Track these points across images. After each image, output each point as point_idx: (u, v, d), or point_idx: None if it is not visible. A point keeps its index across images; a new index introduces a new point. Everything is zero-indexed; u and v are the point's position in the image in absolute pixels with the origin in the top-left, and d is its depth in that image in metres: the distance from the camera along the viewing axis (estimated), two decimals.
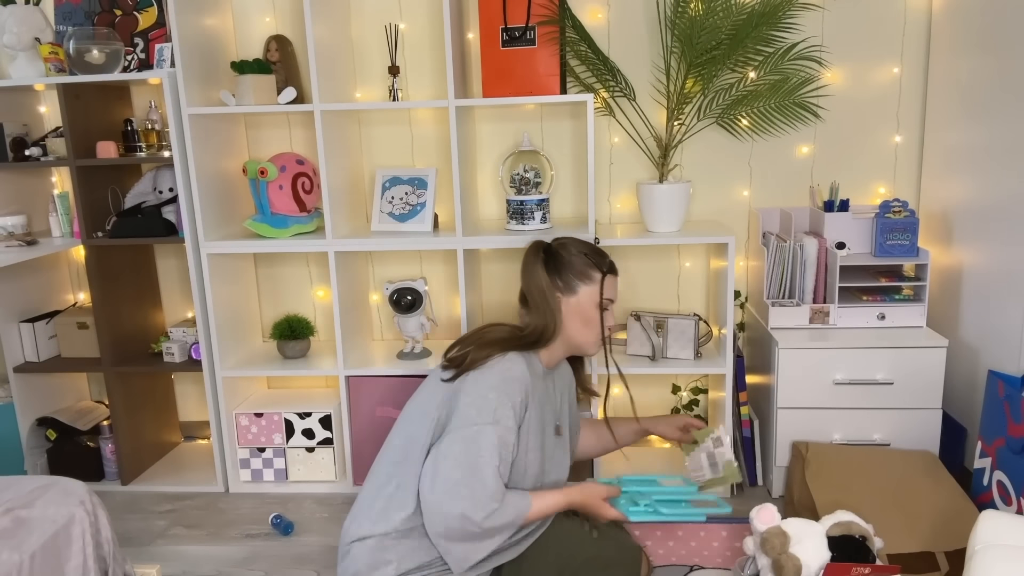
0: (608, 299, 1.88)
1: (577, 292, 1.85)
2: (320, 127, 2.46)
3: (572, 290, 1.86)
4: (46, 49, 2.53)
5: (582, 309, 1.86)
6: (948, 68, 2.46)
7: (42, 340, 2.79)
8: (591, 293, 1.85)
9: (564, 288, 1.86)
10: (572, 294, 1.86)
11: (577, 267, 1.86)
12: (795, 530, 1.75)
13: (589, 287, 1.86)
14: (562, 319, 1.86)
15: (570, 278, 1.86)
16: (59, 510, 1.71)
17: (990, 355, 2.24)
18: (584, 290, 1.85)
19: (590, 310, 1.86)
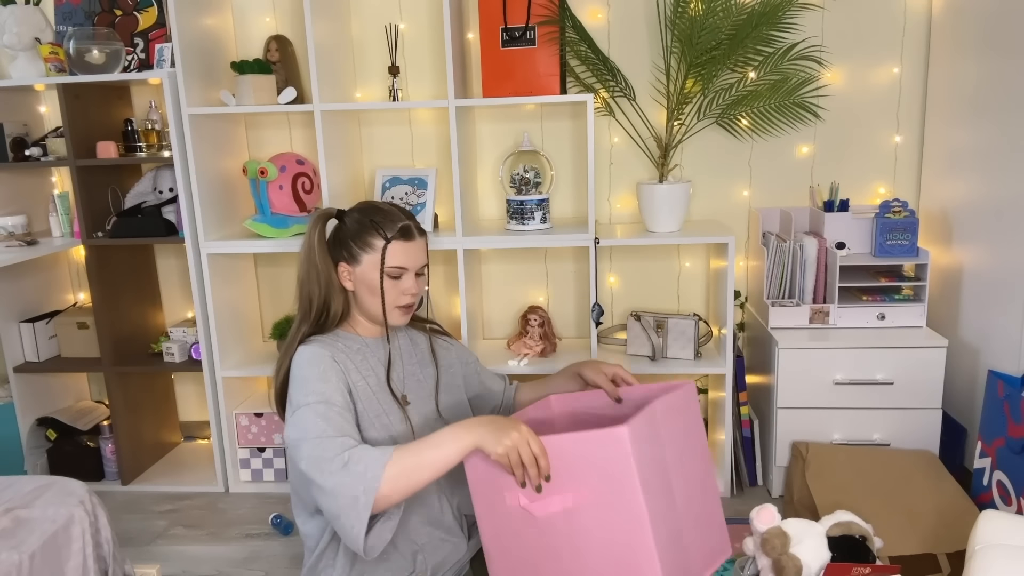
0: (397, 267, 1.72)
1: (361, 261, 1.72)
2: (320, 127, 2.46)
3: (356, 259, 1.73)
4: (46, 49, 2.53)
5: (366, 278, 1.73)
6: (948, 68, 2.46)
7: (42, 340, 2.79)
8: (374, 261, 1.72)
9: (348, 258, 1.73)
10: (357, 263, 1.73)
11: (360, 236, 1.73)
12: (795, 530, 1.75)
13: (371, 256, 1.72)
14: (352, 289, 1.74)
15: (351, 246, 1.73)
16: (59, 510, 1.70)
17: (990, 355, 2.24)
18: (366, 259, 1.72)
19: (373, 279, 1.72)
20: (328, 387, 1.59)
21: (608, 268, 2.85)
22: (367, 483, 1.42)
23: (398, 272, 1.73)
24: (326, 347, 1.66)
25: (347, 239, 1.74)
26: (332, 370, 1.62)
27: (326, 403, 1.55)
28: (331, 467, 1.45)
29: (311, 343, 1.67)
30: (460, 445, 1.44)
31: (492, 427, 1.44)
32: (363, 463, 1.43)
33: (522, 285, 2.89)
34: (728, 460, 2.51)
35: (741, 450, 2.54)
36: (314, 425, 1.52)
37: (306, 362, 1.62)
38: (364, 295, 1.74)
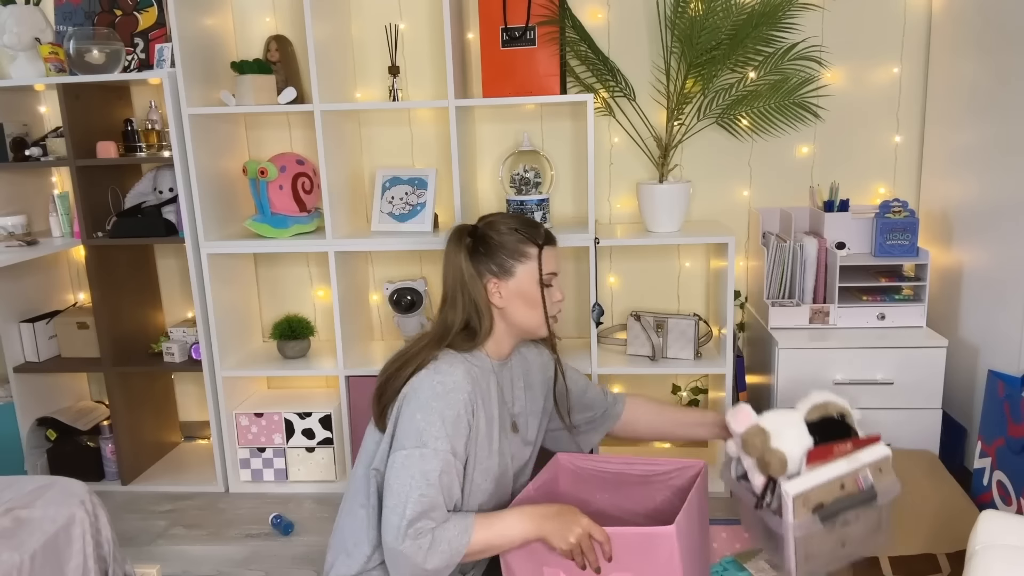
0: (550, 273, 1.70)
1: (515, 274, 1.66)
2: (320, 127, 2.46)
3: (509, 273, 1.66)
4: (46, 49, 2.53)
5: (523, 291, 1.67)
6: (948, 68, 2.45)
7: (42, 340, 2.78)
8: (530, 271, 1.67)
9: (500, 272, 1.66)
10: (510, 277, 1.66)
11: (509, 246, 1.67)
12: (773, 424, 1.67)
13: (527, 265, 1.67)
14: (504, 306, 1.68)
15: (503, 259, 1.66)
16: (59, 510, 1.70)
17: (990, 355, 2.24)
18: (522, 270, 1.66)
19: (532, 290, 1.67)
20: (458, 437, 1.55)
21: (608, 268, 2.85)
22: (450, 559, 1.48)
23: (550, 279, 1.70)
24: (466, 379, 1.58)
25: (494, 252, 1.67)
26: (464, 415, 1.57)
27: (453, 454, 1.54)
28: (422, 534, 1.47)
29: (453, 364, 1.60)
30: (526, 536, 1.53)
31: (558, 523, 1.51)
32: (446, 541, 1.48)
33: None
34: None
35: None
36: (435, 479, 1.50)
37: (444, 395, 1.55)
38: (518, 309, 1.68)
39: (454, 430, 1.55)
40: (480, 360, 1.68)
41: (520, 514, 1.54)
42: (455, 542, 1.48)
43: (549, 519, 1.53)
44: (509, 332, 1.72)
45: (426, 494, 1.49)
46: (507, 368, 1.76)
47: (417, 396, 1.56)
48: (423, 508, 1.48)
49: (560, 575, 1.57)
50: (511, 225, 1.69)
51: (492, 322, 1.69)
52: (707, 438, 1.98)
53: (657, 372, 2.52)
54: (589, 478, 1.90)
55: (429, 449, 1.52)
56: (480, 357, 1.69)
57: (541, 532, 1.52)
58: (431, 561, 1.47)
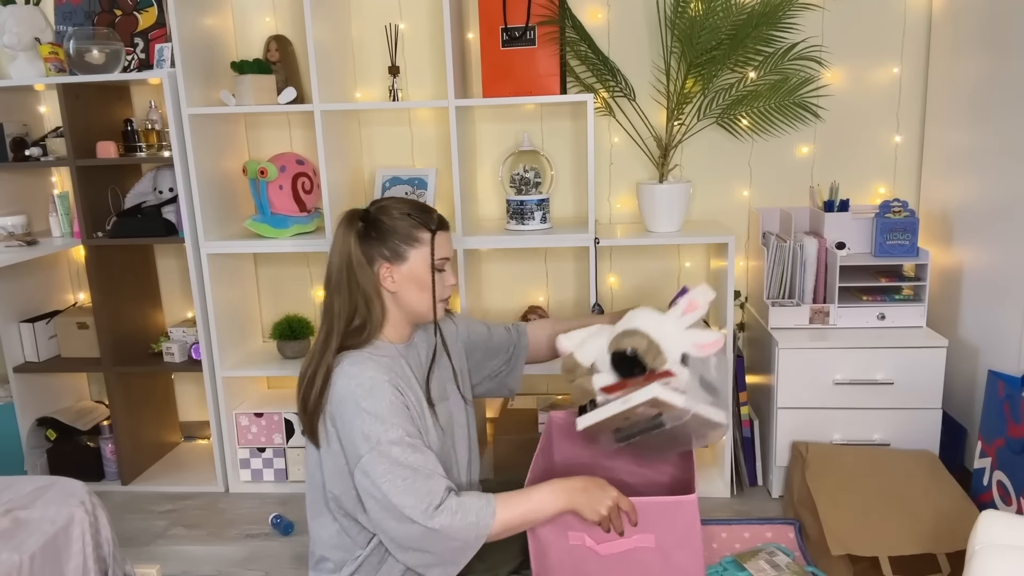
0: (442, 258, 1.69)
1: (407, 259, 1.65)
2: (320, 127, 2.45)
3: (402, 257, 1.65)
4: (46, 49, 2.53)
5: (415, 276, 1.66)
6: (948, 68, 2.45)
7: (42, 340, 2.78)
8: (423, 256, 1.66)
9: (392, 257, 1.65)
10: (402, 262, 1.65)
11: (402, 231, 1.65)
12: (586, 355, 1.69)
13: (419, 250, 1.66)
14: (396, 290, 1.67)
15: (396, 244, 1.65)
16: (59, 510, 1.70)
17: (990, 355, 2.24)
18: (414, 255, 1.65)
19: (424, 275, 1.66)
20: (401, 420, 1.55)
21: (608, 268, 2.85)
22: (479, 531, 1.51)
23: (443, 264, 1.70)
24: (379, 370, 1.58)
25: (386, 237, 1.66)
26: (396, 401, 1.57)
27: (410, 436, 1.54)
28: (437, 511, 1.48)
29: (359, 363, 1.59)
30: (557, 507, 1.57)
31: (588, 496, 1.57)
32: (473, 513, 1.50)
33: (522, 285, 2.89)
34: (728, 460, 2.50)
35: (741, 450, 2.54)
36: (406, 462, 1.51)
37: (368, 393, 1.55)
38: (410, 293, 1.67)
39: (394, 416, 1.55)
40: (383, 349, 1.67)
41: (552, 488, 1.58)
42: (482, 512, 1.50)
43: (579, 492, 1.57)
44: (403, 316, 1.71)
45: (407, 476, 1.50)
46: (413, 348, 1.76)
47: (346, 408, 1.56)
48: (412, 488, 1.49)
49: (585, 538, 1.63)
50: (404, 210, 1.68)
51: (384, 308, 1.68)
52: None
53: None
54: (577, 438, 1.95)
55: (383, 443, 1.52)
56: (381, 346, 1.67)
57: (573, 505, 1.57)
58: (460, 527, 1.49)
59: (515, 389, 2.03)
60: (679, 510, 1.60)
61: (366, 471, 1.52)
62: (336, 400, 1.58)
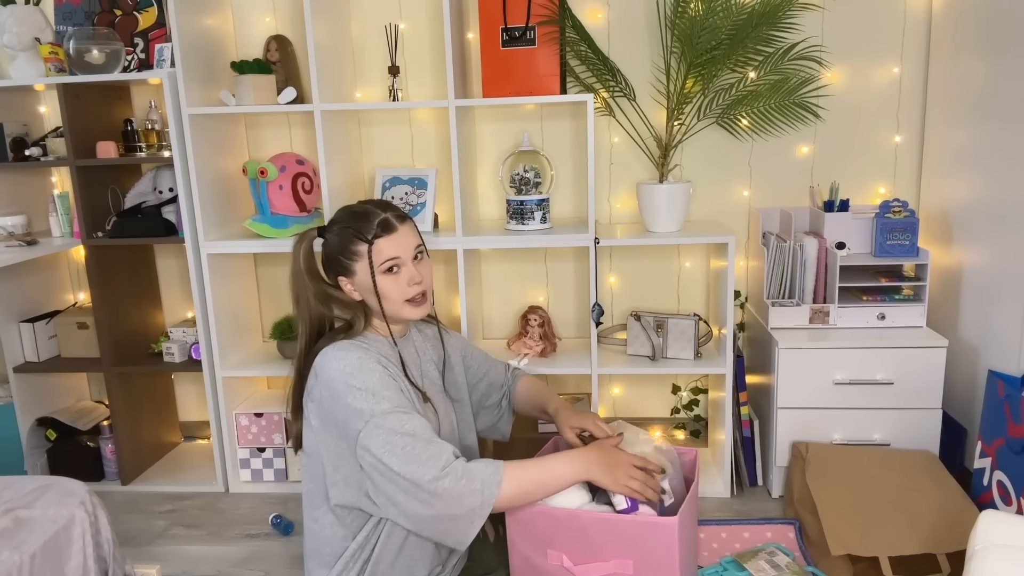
0: (389, 260, 1.67)
1: (356, 271, 1.68)
2: (320, 127, 2.45)
3: (351, 271, 1.69)
4: (46, 49, 2.52)
5: (367, 285, 1.68)
6: (948, 68, 2.45)
7: (42, 340, 2.78)
8: (364, 267, 1.67)
9: (344, 271, 1.70)
10: (353, 274, 1.69)
11: (344, 247, 1.69)
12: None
13: (360, 262, 1.68)
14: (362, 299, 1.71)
15: (341, 261, 1.69)
16: (59, 510, 1.70)
17: (990, 355, 2.24)
18: (360, 266, 1.68)
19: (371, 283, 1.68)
20: (392, 392, 1.56)
21: (608, 268, 2.85)
22: (484, 498, 1.49)
23: (391, 264, 1.68)
24: (366, 351, 1.61)
25: (335, 255, 1.71)
26: (384, 376, 1.58)
27: (402, 407, 1.55)
28: (442, 474, 1.47)
29: (344, 348, 1.61)
30: (574, 474, 1.57)
31: (604, 466, 1.58)
32: (479, 479, 1.49)
33: (522, 285, 2.89)
34: (728, 460, 2.50)
35: (741, 450, 2.54)
36: (403, 430, 1.51)
37: (356, 371, 1.57)
38: (372, 300, 1.70)
39: (385, 390, 1.56)
40: (372, 340, 1.71)
41: (568, 456, 1.59)
42: (488, 481, 1.49)
43: (596, 463, 1.58)
44: (381, 317, 1.74)
45: (407, 444, 1.50)
46: (409, 342, 1.80)
47: (334, 388, 1.57)
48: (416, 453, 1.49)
49: (564, 559, 1.62)
50: (346, 223, 1.71)
51: (365, 314, 1.73)
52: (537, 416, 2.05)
53: (657, 372, 2.52)
54: None
55: (377, 415, 1.53)
56: (371, 337, 1.71)
57: (590, 474, 1.58)
58: (467, 494, 1.47)
59: (507, 435, 2.06)
60: (658, 532, 1.58)
61: (365, 446, 1.53)
62: (325, 383, 1.59)
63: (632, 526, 1.59)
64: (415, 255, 1.72)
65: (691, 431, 2.93)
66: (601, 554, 1.60)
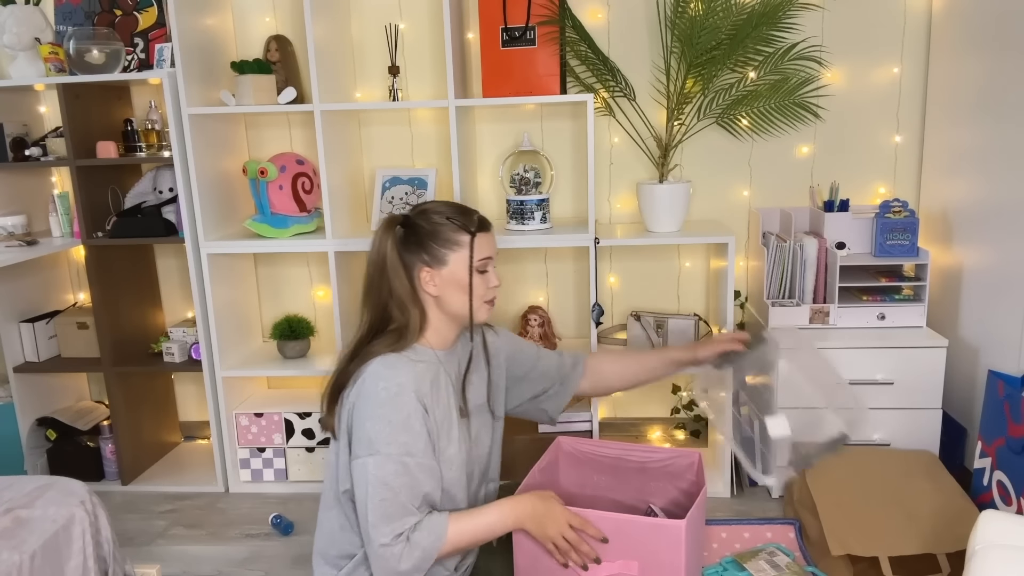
0: (484, 259, 1.67)
1: (447, 262, 1.64)
2: (320, 127, 2.45)
3: (442, 261, 1.64)
4: (46, 49, 2.52)
5: (456, 278, 1.64)
6: (948, 68, 2.45)
7: (42, 340, 2.78)
8: (463, 259, 1.65)
9: (432, 261, 1.64)
10: (443, 265, 1.64)
11: (442, 235, 1.64)
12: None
13: (459, 253, 1.64)
14: (438, 294, 1.66)
15: (435, 248, 1.64)
16: (59, 510, 1.70)
17: (990, 355, 2.24)
18: (454, 258, 1.64)
19: (464, 277, 1.65)
20: (411, 437, 1.56)
21: (608, 268, 2.84)
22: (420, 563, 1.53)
23: (485, 265, 1.68)
24: (410, 377, 1.58)
25: (426, 241, 1.65)
26: (415, 414, 1.57)
27: (408, 455, 1.55)
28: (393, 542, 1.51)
29: (392, 367, 1.59)
30: (506, 527, 1.61)
31: (536, 519, 1.60)
32: (420, 548, 1.52)
33: (522, 285, 2.89)
34: (728, 460, 2.50)
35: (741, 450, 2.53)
36: (391, 483, 1.53)
37: (390, 400, 1.55)
38: (452, 296, 1.66)
39: (405, 432, 1.55)
40: (423, 354, 1.66)
41: (500, 510, 1.61)
42: (429, 548, 1.53)
43: (528, 514, 1.60)
44: (446, 320, 1.70)
45: (385, 497, 1.52)
46: (454, 355, 1.75)
47: (365, 404, 1.57)
48: (385, 511, 1.51)
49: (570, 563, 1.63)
50: (443, 213, 1.68)
51: (423, 313, 1.67)
52: (675, 372, 2.03)
53: None
54: (588, 461, 1.97)
55: (381, 455, 1.53)
56: (422, 351, 1.67)
57: (521, 525, 1.61)
58: (404, 564, 1.51)
59: (554, 417, 1.99)
60: (665, 534, 1.57)
61: (358, 472, 1.56)
62: (361, 392, 1.58)
63: (638, 527, 1.59)
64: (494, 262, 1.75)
65: (691, 431, 2.92)
66: (607, 554, 1.60)
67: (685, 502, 1.91)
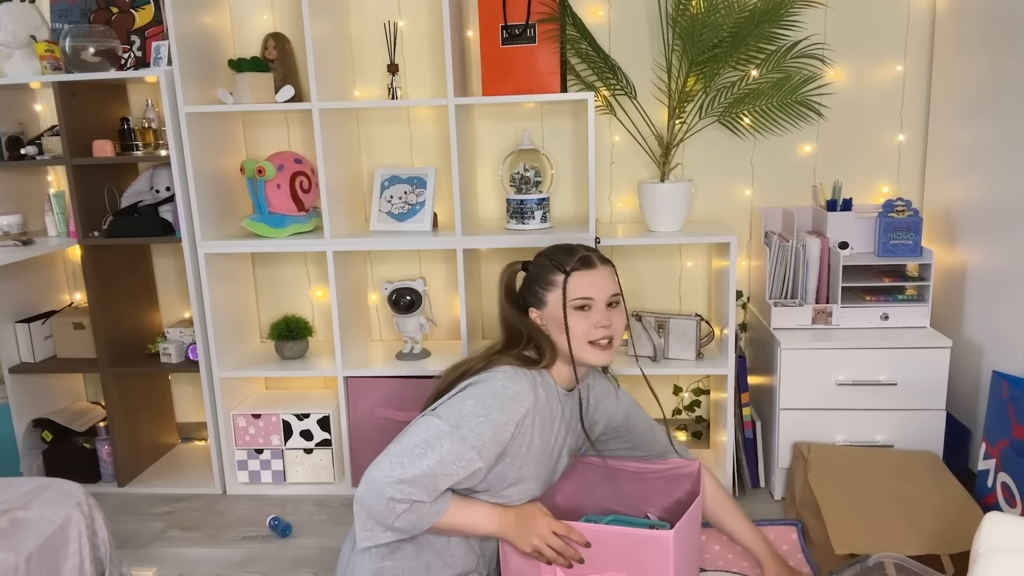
0: (582, 298, 1.72)
1: (547, 302, 1.75)
2: (318, 126, 2.44)
3: (542, 301, 1.76)
4: (42, 47, 2.51)
5: (554, 317, 1.74)
6: (952, 66, 2.44)
7: (38, 340, 2.77)
8: (556, 298, 1.73)
9: (536, 302, 1.78)
10: (544, 306, 1.76)
11: (541, 276, 1.76)
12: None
13: (554, 292, 1.74)
14: (548, 333, 1.76)
15: (536, 290, 1.77)
16: (55, 512, 1.70)
17: (994, 355, 2.23)
18: (550, 297, 1.74)
19: (560, 316, 1.73)
20: (493, 440, 1.60)
21: None
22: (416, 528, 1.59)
23: (583, 303, 1.72)
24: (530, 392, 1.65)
25: (532, 284, 1.77)
26: (511, 426, 1.61)
27: (478, 453, 1.58)
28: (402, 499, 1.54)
29: (518, 376, 1.66)
30: (490, 531, 1.66)
31: (519, 528, 1.64)
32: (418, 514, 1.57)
33: None
34: (730, 462, 2.49)
35: (743, 452, 2.52)
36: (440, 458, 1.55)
37: (504, 399, 1.61)
38: (556, 335, 1.75)
39: (493, 434, 1.60)
40: (548, 383, 1.74)
41: (491, 513, 1.66)
42: (425, 516, 1.58)
43: (511, 524, 1.65)
44: (563, 359, 1.77)
45: (429, 470, 1.55)
46: (573, 398, 1.82)
47: (479, 386, 1.63)
48: (417, 476, 1.54)
49: (557, 571, 1.64)
50: (548, 254, 1.78)
51: (553, 345, 1.76)
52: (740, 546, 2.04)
53: (659, 373, 2.51)
54: (586, 471, 1.97)
55: (459, 434, 1.57)
56: (548, 381, 1.75)
57: (503, 534, 1.66)
58: (398, 522, 1.56)
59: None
60: (653, 546, 1.57)
61: (428, 426, 1.59)
62: (480, 380, 1.65)
63: (626, 538, 1.59)
64: (610, 302, 1.76)
65: (693, 432, 2.91)
66: (595, 567, 1.60)
67: (683, 511, 1.89)
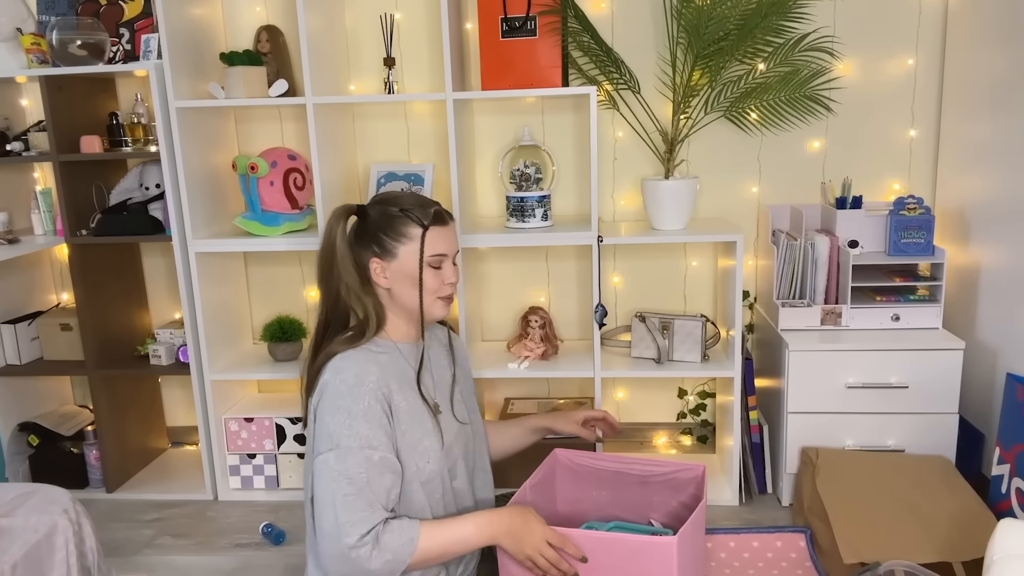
0: (439, 255, 1.67)
1: (397, 255, 1.65)
2: (313, 121, 2.42)
3: (392, 253, 1.65)
4: (28, 40, 2.50)
5: (406, 272, 1.65)
6: (965, 60, 2.42)
7: (24, 342, 2.75)
8: (413, 252, 1.65)
9: (382, 252, 1.66)
10: (393, 258, 1.65)
11: (392, 227, 1.65)
12: None
13: (408, 246, 1.65)
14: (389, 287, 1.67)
15: (385, 240, 1.65)
16: (41, 518, 1.70)
17: (1009, 357, 2.21)
18: (403, 251, 1.65)
19: (415, 271, 1.65)
20: (371, 428, 1.53)
21: (612, 267, 2.81)
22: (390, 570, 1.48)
23: (439, 260, 1.68)
24: (369, 367, 1.58)
25: (376, 232, 1.67)
26: (375, 405, 1.55)
27: (370, 448, 1.52)
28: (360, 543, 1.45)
29: (350, 359, 1.59)
30: (481, 542, 1.56)
31: (513, 535, 1.56)
32: (390, 551, 1.47)
33: (522, 285, 2.85)
34: (736, 467, 2.47)
35: (750, 456, 2.50)
36: (353, 476, 1.49)
37: (349, 391, 1.54)
38: (404, 289, 1.67)
39: (367, 423, 1.53)
40: (384, 346, 1.68)
41: (478, 522, 1.56)
42: (399, 551, 1.48)
43: (504, 530, 1.56)
44: (402, 314, 1.71)
45: (350, 493, 1.48)
46: (418, 350, 1.75)
47: (324, 400, 1.57)
48: (348, 507, 1.47)
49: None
50: (397, 204, 1.69)
51: (379, 305, 1.68)
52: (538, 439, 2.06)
53: (663, 375, 2.50)
54: (587, 475, 1.94)
55: (342, 448, 1.51)
56: (383, 343, 1.68)
57: (497, 541, 1.57)
58: (374, 564, 1.46)
59: None
60: (656, 552, 1.54)
61: (319, 470, 1.51)
62: (321, 390, 1.58)
63: (627, 545, 1.56)
64: (454, 259, 1.74)
65: (698, 437, 2.88)
66: (597, 574, 1.57)
67: (688, 516, 1.87)
